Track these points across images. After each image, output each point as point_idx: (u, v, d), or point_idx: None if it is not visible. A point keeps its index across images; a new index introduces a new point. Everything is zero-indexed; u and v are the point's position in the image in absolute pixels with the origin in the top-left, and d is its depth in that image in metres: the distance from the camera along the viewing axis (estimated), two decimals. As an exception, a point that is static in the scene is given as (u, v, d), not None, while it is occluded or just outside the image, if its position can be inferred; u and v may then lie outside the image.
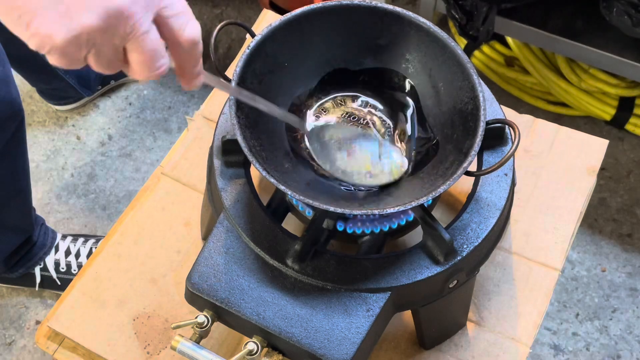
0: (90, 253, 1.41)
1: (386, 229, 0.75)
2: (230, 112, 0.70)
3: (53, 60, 0.50)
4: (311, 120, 0.78)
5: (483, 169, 0.75)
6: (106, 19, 0.48)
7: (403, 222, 0.76)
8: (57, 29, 0.48)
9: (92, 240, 1.44)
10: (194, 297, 0.72)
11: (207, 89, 1.90)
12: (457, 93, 0.75)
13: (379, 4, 0.77)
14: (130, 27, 0.50)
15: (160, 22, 0.52)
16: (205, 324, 0.71)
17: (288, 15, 0.76)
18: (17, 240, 1.31)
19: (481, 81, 0.74)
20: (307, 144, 0.75)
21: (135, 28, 0.50)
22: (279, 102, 0.77)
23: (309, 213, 0.76)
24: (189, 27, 0.54)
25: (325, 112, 0.79)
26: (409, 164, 0.76)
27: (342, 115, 0.78)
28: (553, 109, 1.67)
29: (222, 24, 0.75)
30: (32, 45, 0.49)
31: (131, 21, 0.49)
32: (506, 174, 0.77)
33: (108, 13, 0.48)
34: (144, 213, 0.94)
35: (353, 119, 0.78)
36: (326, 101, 0.79)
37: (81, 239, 1.43)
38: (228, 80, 0.73)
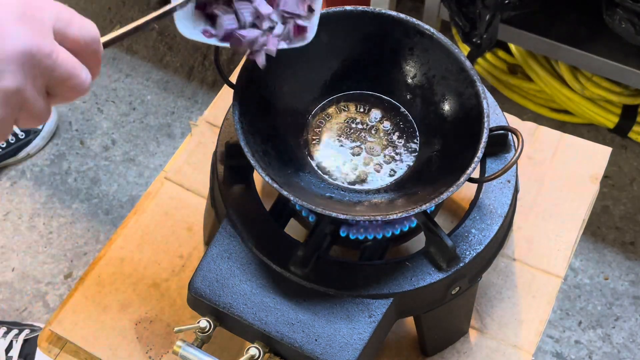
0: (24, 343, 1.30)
1: (389, 235, 0.75)
2: (234, 117, 0.70)
3: None
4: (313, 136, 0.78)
5: (486, 175, 0.76)
6: (21, 67, 0.46)
7: (406, 229, 0.76)
8: None
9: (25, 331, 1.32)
10: (197, 302, 0.72)
11: (210, 94, 1.89)
12: (461, 100, 0.75)
13: (383, 11, 0.77)
14: (46, 58, 0.48)
15: (60, 38, 0.50)
16: (208, 328, 0.71)
17: (292, 22, 0.76)
18: None
19: (484, 88, 0.74)
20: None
21: (45, 56, 0.48)
22: (282, 107, 0.77)
23: (311, 219, 0.76)
24: (87, 27, 0.52)
25: (328, 117, 0.79)
26: (407, 170, 0.76)
27: (344, 121, 0.78)
28: (556, 117, 1.67)
29: (226, 29, 0.75)
30: None
31: (42, 53, 0.47)
32: (509, 181, 0.77)
33: (22, 60, 0.46)
34: (147, 218, 0.94)
35: (356, 123, 0.78)
36: (329, 107, 0.79)
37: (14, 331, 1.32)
38: (232, 86, 0.73)
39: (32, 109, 0.49)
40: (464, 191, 0.83)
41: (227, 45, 0.67)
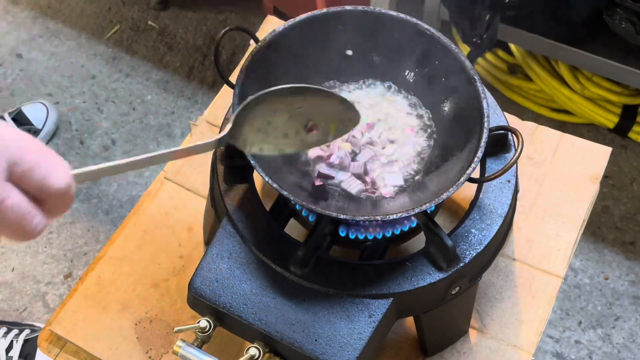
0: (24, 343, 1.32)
1: (389, 235, 0.75)
2: (234, 117, 0.70)
3: None
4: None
5: (486, 175, 0.75)
6: None
7: (406, 229, 0.76)
8: None
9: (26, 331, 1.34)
10: (196, 302, 0.72)
11: (210, 94, 1.89)
12: (461, 100, 0.75)
13: (383, 10, 0.77)
14: None
15: (18, 180, 0.45)
16: (208, 328, 0.71)
17: (292, 21, 0.76)
18: None
19: (484, 88, 0.74)
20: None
21: None
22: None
23: (311, 218, 0.76)
24: (54, 177, 0.45)
25: None
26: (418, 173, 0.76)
27: None
28: (556, 117, 1.67)
29: (225, 29, 0.75)
30: None
31: None
32: (509, 181, 0.77)
33: None
34: (147, 218, 0.94)
35: None
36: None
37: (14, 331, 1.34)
38: (232, 86, 0.73)
39: None
40: (464, 191, 0.83)
41: None
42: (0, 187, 0.44)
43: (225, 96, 1.04)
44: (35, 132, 1.63)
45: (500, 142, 0.78)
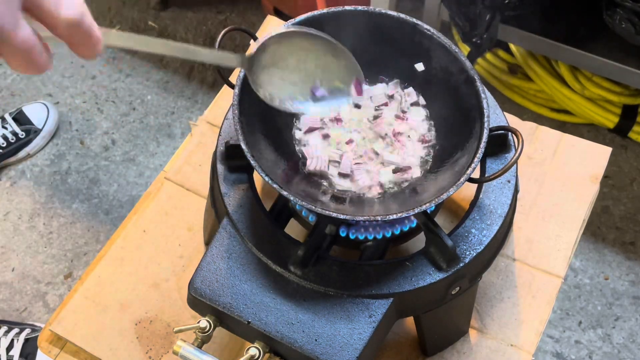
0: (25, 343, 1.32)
1: (389, 235, 0.75)
2: (234, 117, 0.70)
3: None
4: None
5: (486, 175, 0.76)
6: None
7: (406, 229, 0.76)
8: None
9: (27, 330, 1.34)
10: (196, 302, 0.72)
11: (210, 95, 1.89)
12: (461, 100, 0.75)
13: (383, 11, 0.77)
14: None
15: (30, 8, 0.46)
16: (208, 328, 0.71)
17: (292, 22, 0.76)
18: None
19: (485, 88, 0.74)
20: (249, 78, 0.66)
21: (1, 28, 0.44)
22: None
23: (311, 219, 0.76)
24: (64, 7, 0.46)
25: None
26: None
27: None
28: (556, 117, 1.67)
29: (225, 30, 0.75)
30: None
31: None
32: (509, 181, 0.77)
33: None
34: (147, 218, 0.94)
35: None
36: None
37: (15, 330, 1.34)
38: (232, 86, 0.73)
39: None
40: (464, 191, 0.83)
41: None
42: (12, 16, 0.44)
43: (225, 96, 1.04)
44: (35, 132, 1.63)
45: (500, 142, 0.78)
